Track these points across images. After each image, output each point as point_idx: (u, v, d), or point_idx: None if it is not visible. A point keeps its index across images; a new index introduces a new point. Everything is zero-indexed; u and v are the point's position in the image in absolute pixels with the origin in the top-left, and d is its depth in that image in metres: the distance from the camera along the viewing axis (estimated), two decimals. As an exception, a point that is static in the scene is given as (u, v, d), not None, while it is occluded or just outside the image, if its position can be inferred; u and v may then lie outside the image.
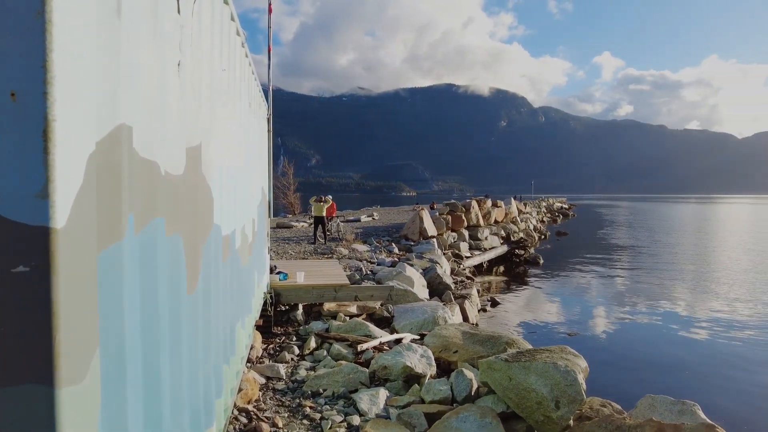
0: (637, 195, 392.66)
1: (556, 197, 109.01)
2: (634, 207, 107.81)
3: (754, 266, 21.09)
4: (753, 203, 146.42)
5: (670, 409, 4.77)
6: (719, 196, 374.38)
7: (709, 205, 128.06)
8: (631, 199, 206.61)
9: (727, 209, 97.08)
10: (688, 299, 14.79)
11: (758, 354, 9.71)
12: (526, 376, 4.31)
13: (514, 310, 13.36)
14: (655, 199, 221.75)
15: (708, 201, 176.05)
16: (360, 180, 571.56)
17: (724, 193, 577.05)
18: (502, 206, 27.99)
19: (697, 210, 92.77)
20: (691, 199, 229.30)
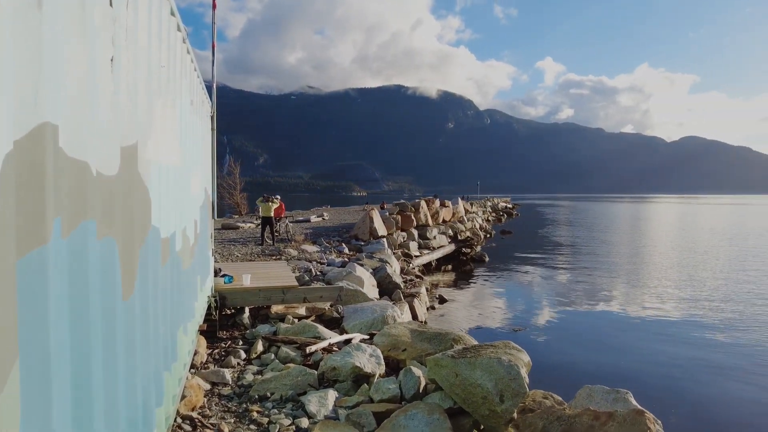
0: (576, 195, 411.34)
1: (500, 197, 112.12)
2: (573, 206, 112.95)
3: (682, 261, 22.63)
4: (680, 203, 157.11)
5: (605, 398, 5.03)
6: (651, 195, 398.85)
7: (641, 204, 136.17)
8: (571, 199, 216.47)
9: (657, 208, 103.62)
10: (623, 294, 15.67)
11: (684, 343, 10.42)
12: (471, 371, 4.42)
13: (462, 307, 13.66)
14: (593, 198, 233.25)
15: (641, 200, 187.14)
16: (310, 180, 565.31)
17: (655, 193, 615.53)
18: (449, 206, 28.55)
19: (631, 209, 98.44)
20: (626, 198, 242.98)
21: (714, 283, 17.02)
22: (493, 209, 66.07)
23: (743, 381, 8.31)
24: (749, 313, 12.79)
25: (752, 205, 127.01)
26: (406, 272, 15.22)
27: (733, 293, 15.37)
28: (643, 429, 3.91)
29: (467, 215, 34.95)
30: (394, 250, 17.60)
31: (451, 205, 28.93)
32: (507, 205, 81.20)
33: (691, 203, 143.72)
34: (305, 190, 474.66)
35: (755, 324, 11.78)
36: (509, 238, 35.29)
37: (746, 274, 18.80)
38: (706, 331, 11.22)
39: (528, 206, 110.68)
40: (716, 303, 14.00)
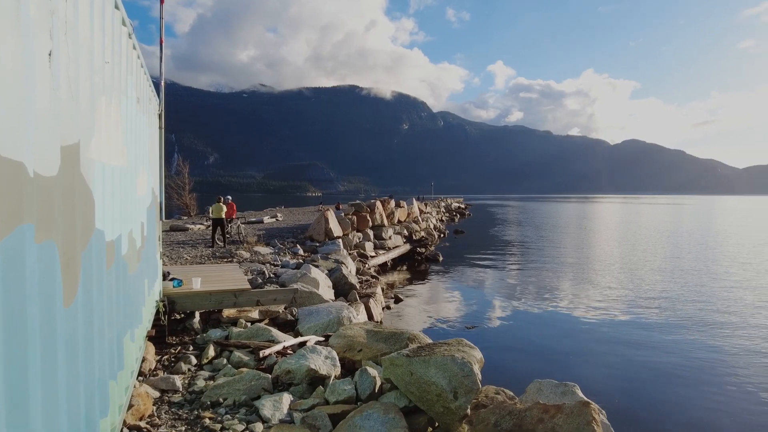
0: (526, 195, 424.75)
1: (453, 197, 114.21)
2: (523, 206, 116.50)
3: (624, 259, 23.82)
4: (622, 202, 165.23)
5: (554, 391, 5.23)
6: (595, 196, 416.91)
7: (587, 204, 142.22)
8: (521, 199, 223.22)
9: (601, 208, 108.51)
10: (570, 291, 16.31)
11: (626, 337, 10.97)
12: (426, 370, 4.48)
13: (417, 306, 13.81)
14: (541, 198, 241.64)
15: (586, 200, 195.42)
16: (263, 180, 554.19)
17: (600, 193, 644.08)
18: (404, 206, 28.81)
19: (577, 208, 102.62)
20: (572, 198, 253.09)
21: (652, 280, 18.01)
22: (447, 209, 67.17)
23: (680, 372, 8.84)
24: (685, 309, 13.62)
25: (686, 204, 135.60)
26: (362, 273, 15.23)
27: (670, 289, 16.32)
28: (588, 419, 4.08)
29: (422, 215, 35.37)
30: (349, 251, 17.58)
31: (406, 206, 29.21)
32: (460, 206, 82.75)
33: (633, 203, 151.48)
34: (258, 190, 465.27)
35: (690, 319, 12.56)
36: (462, 238, 35.98)
37: (681, 271, 20.00)
38: (645, 326, 11.85)
39: (480, 206, 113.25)
40: (655, 299, 14.83)
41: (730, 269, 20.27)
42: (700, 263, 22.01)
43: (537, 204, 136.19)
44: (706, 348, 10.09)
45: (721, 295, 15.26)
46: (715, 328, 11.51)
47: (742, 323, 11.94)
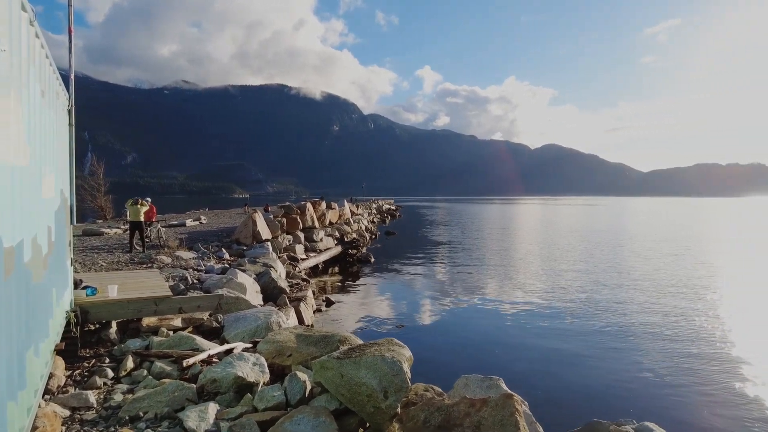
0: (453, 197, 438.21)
1: (385, 199, 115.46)
2: (451, 207, 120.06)
3: (544, 256, 25.23)
4: (542, 203, 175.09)
5: (480, 386, 5.43)
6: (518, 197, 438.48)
7: (510, 205, 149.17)
8: (449, 201, 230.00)
9: (523, 208, 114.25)
10: (495, 286, 17.02)
11: (547, 329, 11.62)
12: (356, 371, 4.49)
13: (349, 308, 13.80)
14: (468, 200, 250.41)
15: (509, 202, 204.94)
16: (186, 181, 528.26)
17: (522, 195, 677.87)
18: (336, 208, 28.70)
19: (502, 209, 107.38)
20: (497, 200, 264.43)
21: (568, 275, 19.24)
22: (378, 211, 67.71)
23: (594, 360, 9.50)
24: (597, 301, 14.67)
25: (600, 205, 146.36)
26: (292, 276, 14.98)
27: (584, 284, 17.51)
28: (511, 411, 4.27)
29: (353, 217, 35.42)
30: (279, 254, 17.22)
31: (337, 207, 29.11)
32: (391, 207, 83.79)
33: (552, 204, 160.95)
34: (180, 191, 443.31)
35: (602, 310, 13.54)
36: (393, 239, 36.44)
37: (594, 266, 21.52)
38: (563, 319, 12.63)
39: (410, 208, 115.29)
40: (571, 293, 15.85)
41: (636, 264, 22.09)
42: (611, 259, 23.81)
43: (464, 205, 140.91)
44: (616, 336, 10.92)
45: (628, 287, 16.58)
46: (624, 318, 12.49)
47: (645, 311, 13.05)
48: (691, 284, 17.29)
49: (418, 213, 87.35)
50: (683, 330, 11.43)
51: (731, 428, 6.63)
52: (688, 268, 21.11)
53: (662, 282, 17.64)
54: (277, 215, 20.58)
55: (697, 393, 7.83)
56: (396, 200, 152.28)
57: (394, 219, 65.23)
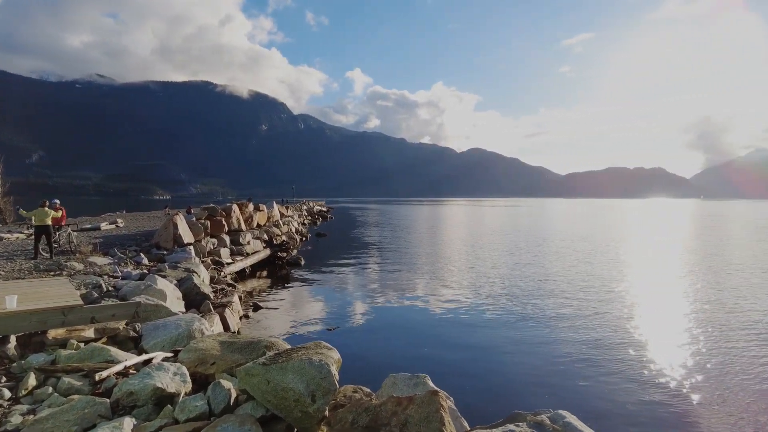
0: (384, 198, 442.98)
1: (316, 201, 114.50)
2: (381, 209, 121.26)
3: (470, 255, 26.14)
4: (468, 205, 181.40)
5: (407, 384, 5.53)
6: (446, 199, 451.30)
7: (438, 206, 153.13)
8: (379, 202, 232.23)
9: (450, 210, 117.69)
10: (424, 285, 17.40)
11: (473, 326, 12.06)
12: (283, 376, 4.43)
13: (277, 312, 13.53)
14: (398, 201, 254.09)
15: (438, 203, 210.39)
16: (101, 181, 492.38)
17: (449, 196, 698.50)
18: (264, 210, 28.03)
19: (430, 211, 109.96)
20: (425, 201, 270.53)
21: (492, 273, 20.09)
22: (309, 212, 66.98)
23: (518, 354, 9.98)
24: (519, 296, 15.43)
25: (521, 206, 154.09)
26: (217, 281, 14.46)
27: (507, 281, 18.36)
28: (437, 407, 4.40)
29: (283, 219, 34.78)
30: (202, 258, 16.56)
31: (266, 209, 28.44)
32: (322, 209, 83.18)
33: (477, 206, 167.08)
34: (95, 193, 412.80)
35: (523, 305, 14.27)
36: (325, 241, 36.20)
37: (516, 264, 22.63)
38: (488, 314, 13.17)
39: (341, 209, 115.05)
40: (495, 289, 16.56)
41: (553, 261, 23.48)
42: (531, 257, 25.15)
43: (394, 207, 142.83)
44: (536, 330, 11.55)
45: (546, 283, 17.58)
46: (542, 312, 13.24)
47: (562, 306, 13.91)
48: (602, 279, 18.65)
49: (350, 214, 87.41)
50: (596, 322, 12.31)
51: (640, 412, 7.23)
52: (600, 264, 22.75)
53: (577, 278, 18.89)
54: (200, 217, 19.75)
55: (608, 380, 8.46)
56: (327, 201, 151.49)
57: (325, 221, 64.80)
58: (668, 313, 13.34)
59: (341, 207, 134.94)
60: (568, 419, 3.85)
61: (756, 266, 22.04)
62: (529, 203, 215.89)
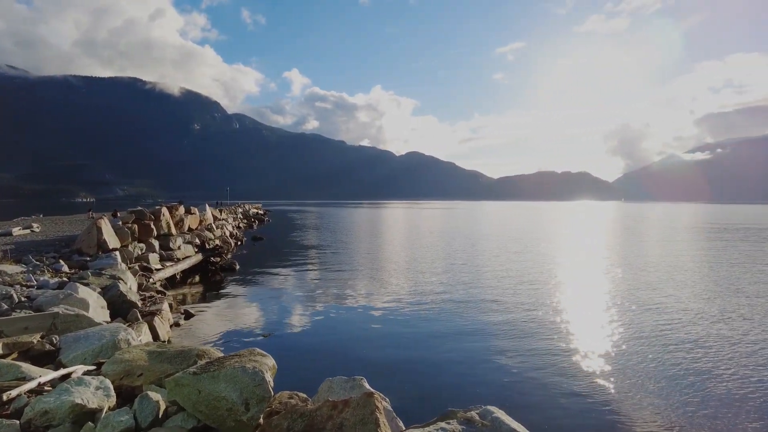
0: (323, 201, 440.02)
1: (252, 203, 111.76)
2: (321, 211, 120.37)
3: (409, 257, 26.52)
4: (408, 207, 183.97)
5: (344, 387, 5.54)
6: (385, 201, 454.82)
7: (378, 209, 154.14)
8: (319, 205, 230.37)
9: (390, 212, 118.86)
10: (363, 288, 17.45)
11: (411, 325, 12.24)
12: (215, 385, 4.31)
13: (211, 319, 13.08)
14: (338, 204, 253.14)
15: (377, 206, 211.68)
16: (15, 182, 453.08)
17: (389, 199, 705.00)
18: (196, 213, 27.00)
19: (370, 213, 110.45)
20: (365, 204, 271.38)
21: (430, 273, 20.51)
22: (245, 216, 65.27)
23: (453, 353, 10.24)
24: (455, 296, 15.84)
25: (457, 208, 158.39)
26: (146, 288, 13.77)
27: (444, 280, 18.80)
28: (372, 409, 4.45)
29: (216, 222, 33.65)
30: (129, 264, 15.70)
31: (198, 212, 27.40)
32: (259, 212, 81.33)
33: (415, 208, 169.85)
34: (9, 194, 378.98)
35: (459, 304, 14.66)
36: (261, 244, 35.40)
37: (452, 264, 23.23)
38: (425, 314, 13.43)
39: (279, 212, 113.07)
40: (432, 290, 16.91)
41: (487, 261, 24.33)
42: (466, 257, 25.92)
43: (334, 209, 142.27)
44: (470, 329, 11.91)
45: (480, 283, 18.19)
46: (476, 310, 13.68)
47: (495, 303, 14.44)
48: (532, 278, 19.55)
49: (288, 217, 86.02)
50: (526, 319, 12.89)
51: (567, 404, 7.64)
52: (530, 263, 23.84)
53: (508, 277, 19.68)
54: (127, 221, 18.70)
55: (539, 374, 8.88)
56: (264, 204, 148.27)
57: (262, 224, 63.35)
58: (592, 309, 14.21)
59: (279, 210, 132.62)
60: (496, 414, 4.03)
61: (670, 264, 23.97)
62: (465, 206, 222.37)
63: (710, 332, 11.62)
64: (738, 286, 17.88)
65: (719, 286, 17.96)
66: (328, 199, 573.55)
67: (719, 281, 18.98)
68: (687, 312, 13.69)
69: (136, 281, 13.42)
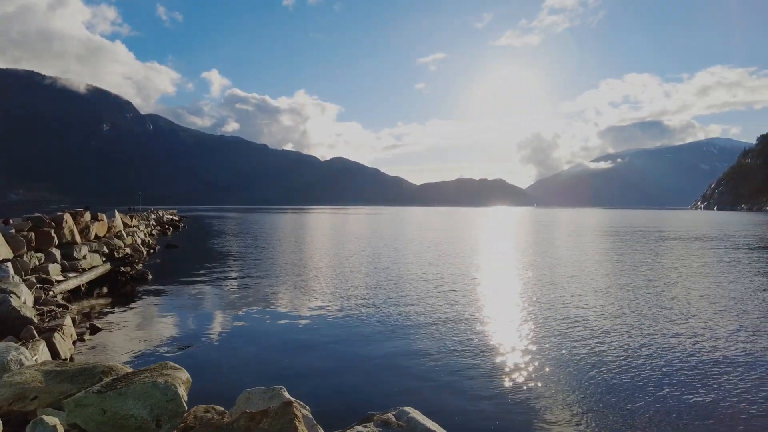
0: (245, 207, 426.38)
1: (167, 209, 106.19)
2: (242, 217, 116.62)
3: (334, 264, 26.43)
4: (333, 213, 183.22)
5: (263, 397, 5.46)
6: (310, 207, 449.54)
7: (302, 215, 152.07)
8: (240, 210, 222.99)
9: (314, 218, 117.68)
10: (285, 296, 17.16)
11: (332, 330, 12.23)
12: (122, 403, 4.09)
13: (120, 333, 12.25)
14: (260, 210, 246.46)
15: (301, 211, 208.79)
16: None
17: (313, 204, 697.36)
18: (104, 219, 25.22)
19: (293, 219, 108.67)
20: (289, 210, 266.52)
21: (353, 278, 20.60)
22: (158, 222, 61.89)
23: (374, 357, 10.36)
24: (378, 300, 16.02)
25: (382, 214, 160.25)
26: (44, 302, 12.62)
27: (368, 285, 18.95)
28: (290, 418, 4.43)
29: (127, 230, 31.56)
30: (24, 277, 14.32)
31: (105, 219, 25.57)
32: (174, 218, 77.34)
33: (341, 213, 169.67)
34: None
35: (381, 308, 14.85)
36: (176, 253, 33.70)
37: (376, 269, 23.47)
38: (345, 319, 13.46)
39: (197, 218, 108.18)
40: (354, 294, 16.98)
41: (410, 265, 24.86)
42: (389, 261, 26.32)
43: (256, 215, 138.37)
44: (391, 333, 12.11)
45: (403, 286, 18.53)
46: (397, 314, 13.93)
47: (417, 306, 14.80)
48: (452, 280, 20.25)
49: (206, 224, 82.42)
50: (445, 319, 13.33)
51: (481, 403, 8.00)
52: (450, 266, 24.68)
53: (428, 280, 20.24)
54: (21, 229, 17.02)
55: (458, 376, 9.22)
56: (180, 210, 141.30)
57: (177, 231, 60.29)
58: (508, 309, 14.99)
59: (197, 216, 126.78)
60: (412, 414, 4.17)
61: (576, 264, 25.86)
62: (390, 211, 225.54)
63: (615, 326, 12.69)
64: (636, 282, 19.70)
65: (619, 284, 19.67)
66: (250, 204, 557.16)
67: (619, 279, 20.79)
68: (593, 308, 14.86)
69: (33, 294, 12.26)
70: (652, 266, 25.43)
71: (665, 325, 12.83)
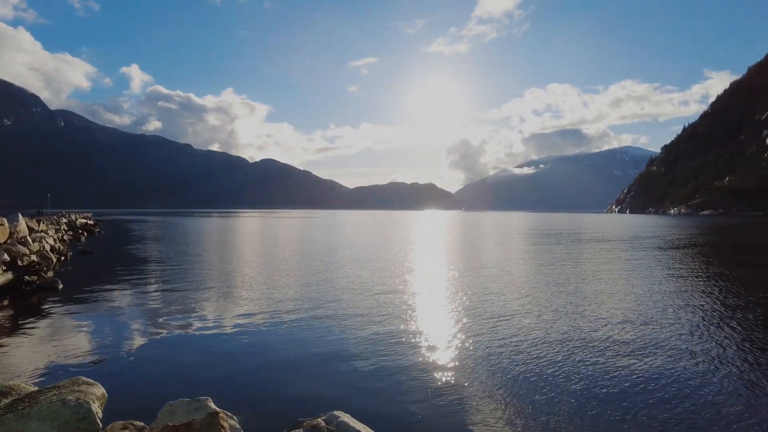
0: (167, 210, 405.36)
1: (80, 212, 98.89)
2: (164, 221, 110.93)
3: (263, 269, 25.79)
4: (261, 216, 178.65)
5: (186, 409, 5.24)
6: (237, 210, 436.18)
7: (229, 218, 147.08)
8: (163, 214, 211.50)
9: (243, 221, 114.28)
10: (211, 304, 16.49)
11: (260, 337, 11.93)
12: (25, 425, 3.77)
13: (24, 349, 11.22)
14: (184, 213, 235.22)
15: (228, 215, 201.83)
16: None
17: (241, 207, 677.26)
18: (5, 224, 23.05)
19: (220, 222, 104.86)
20: (215, 213, 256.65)
21: (282, 282, 20.21)
22: (71, 227, 57.49)
23: (303, 361, 10.22)
24: (307, 304, 15.83)
25: (314, 217, 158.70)
26: (-69, 316, 11.30)
27: (296, 288, 18.67)
28: (217, 429, 4.30)
29: (33, 235, 29.01)
30: None
31: (6, 224, 23.35)
32: (88, 222, 72.11)
33: (271, 217, 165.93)
34: None
35: (310, 312, 14.70)
36: (90, 259, 31.41)
37: (307, 273, 23.20)
38: (277, 326, 13.18)
39: (114, 222, 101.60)
40: (282, 298, 16.67)
41: (343, 268, 24.83)
42: (323, 264, 26.13)
43: (179, 219, 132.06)
44: (320, 336, 12.03)
45: (334, 288, 18.46)
46: (327, 317, 13.86)
47: (347, 309, 14.80)
48: (384, 281, 20.45)
49: (125, 228, 77.49)
50: (377, 321, 13.43)
51: (413, 404, 8.14)
52: (380, 268, 24.91)
53: (359, 283, 20.31)
54: None
55: (391, 378, 9.31)
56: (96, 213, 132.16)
57: (92, 236, 56.22)
58: (439, 309, 15.37)
59: (115, 219, 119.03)
60: (342, 418, 4.18)
61: (501, 264, 27.03)
62: (323, 214, 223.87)
63: (537, 324, 13.39)
64: (556, 281, 20.92)
65: (541, 283, 20.80)
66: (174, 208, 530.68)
67: (541, 279, 21.99)
68: (516, 308, 15.59)
69: None
70: (571, 266, 27.16)
71: (582, 322, 13.74)
